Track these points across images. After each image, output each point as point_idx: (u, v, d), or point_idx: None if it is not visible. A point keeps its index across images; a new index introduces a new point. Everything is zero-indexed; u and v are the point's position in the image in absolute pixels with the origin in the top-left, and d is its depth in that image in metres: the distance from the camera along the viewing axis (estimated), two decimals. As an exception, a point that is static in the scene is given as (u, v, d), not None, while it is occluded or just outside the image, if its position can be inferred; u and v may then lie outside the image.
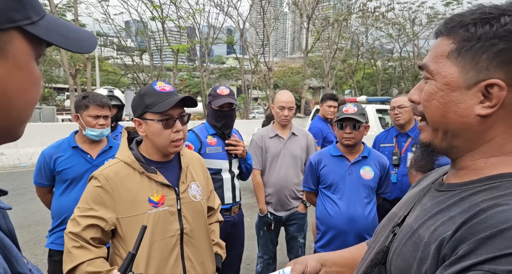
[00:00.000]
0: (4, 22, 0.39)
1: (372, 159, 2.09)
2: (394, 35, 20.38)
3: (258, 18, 20.42)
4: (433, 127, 0.60)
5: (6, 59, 0.40)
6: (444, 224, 0.53)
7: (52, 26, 0.45)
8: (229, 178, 2.14)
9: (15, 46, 0.41)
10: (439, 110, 0.57)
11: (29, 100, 0.44)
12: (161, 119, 1.22)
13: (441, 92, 0.57)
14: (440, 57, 0.58)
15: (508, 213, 0.46)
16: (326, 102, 3.54)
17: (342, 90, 24.98)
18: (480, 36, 0.53)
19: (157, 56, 17.72)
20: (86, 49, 0.48)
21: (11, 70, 0.41)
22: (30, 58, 0.43)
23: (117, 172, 1.23)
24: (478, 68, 0.53)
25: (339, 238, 2.01)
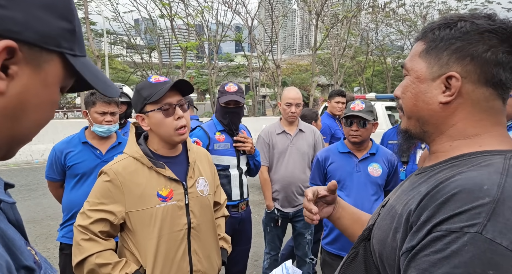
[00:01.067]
0: (52, 44, 0.43)
1: (380, 156, 2.07)
2: (404, 32, 20.08)
3: (267, 15, 20.35)
4: (408, 115, 0.70)
5: (38, 74, 0.43)
6: (413, 197, 0.61)
7: (88, 66, 0.50)
8: (237, 175, 2.15)
9: (51, 66, 0.44)
10: (411, 100, 0.68)
11: (40, 118, 0.46)
12: (161, 108, 1.24)
13: (413, 85, 0.68)
14: (414, 56, 0.69)
15: (459, 181, 0.54)
16: (334, 98, 3.52)
17: (351, 88, 24.76)
18: (442, 37, 0.64)
19: (166, 54, 17.84)
20: (110, 93, 0.53)
21: (37, 85, 0.44)
22: (58, 82, 0.47)
23: (126, 167, 1.25)
24: (441, 63, 0.64)
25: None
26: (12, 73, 0.40)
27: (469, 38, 0.61)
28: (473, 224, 0.48)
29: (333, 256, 2.06)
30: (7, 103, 0.41)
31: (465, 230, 0.49)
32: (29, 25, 0.40)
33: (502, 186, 0.51)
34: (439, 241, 0.50)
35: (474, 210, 0.49)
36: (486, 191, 0.51)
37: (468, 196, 0.51)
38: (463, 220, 0.49)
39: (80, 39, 0.48)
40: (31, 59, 0.42)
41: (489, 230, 0.47)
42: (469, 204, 0.50)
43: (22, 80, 0.41)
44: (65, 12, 0.45)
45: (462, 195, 0.52)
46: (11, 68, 0.40)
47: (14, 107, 0.42)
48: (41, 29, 0.41)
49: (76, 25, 0.46)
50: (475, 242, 0.47)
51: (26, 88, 0.42)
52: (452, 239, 0.49)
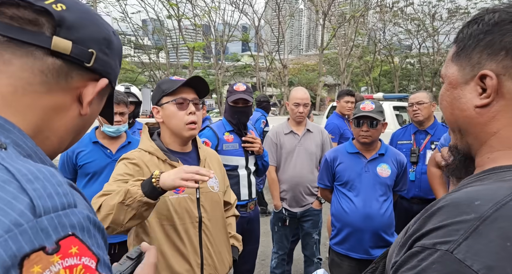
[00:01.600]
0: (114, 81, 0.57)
1: (389, 157, 2.06)
2: (413, 31, 19.86)
3: (273, 15, 20.33)
4: (450, 128, 0.62)
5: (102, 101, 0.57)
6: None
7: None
8: (246, 175, 2.16)
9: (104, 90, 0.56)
10: (447, 109, 0.61)
11: (89, 126, 0.57)
12: (175, 100, 1.30)
13: (447, 92, 0.61)
14: (448, 61, 0.63)
15: (457, 194, 0.49)
16: (343, 98, 3.50)
17: (358, 87, 24.60)
18: (470, 35, 0.57)
19: (173, 54, 17.94)
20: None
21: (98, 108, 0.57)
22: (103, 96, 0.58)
23: (142, 156, 1.30)
24: (472, 63, 0.57)
25: (354, 236, 1.99)
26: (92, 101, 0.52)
27: (500, 29, 0.53)
28: (447, 241, 0.43)
29: (341, 256, 2.05)
30: (84, 120, 0.53)
31: (437, 247, 0.43)
32: (114, 70, 0.55)
33: (502, 204, 0.43)
34: (414, 257, 0.46)
35: (452, 226, 0.44)
36: (475, 207, 0.44)
37: (453, 210, 0.46)
38: (438, 236, 0.44)
39: None
40: (104, 91, 0.54)
41: (461, 250, 0.41)
42: (451, 219, 0.45)
43: (94, 107, 0.54)
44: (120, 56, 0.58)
45: (448, 209, 0.47)
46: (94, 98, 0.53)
47: (83, 125, 0.54)
48: (116, 71, 0.56)
49: None
50: (443, 261, 0.42)
51: (93, 112, 0.54)
52: (425, 256, 0.44)
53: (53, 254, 0.31)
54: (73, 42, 0.46)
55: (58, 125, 0.49)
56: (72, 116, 0.50)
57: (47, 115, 0.47)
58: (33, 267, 0.29)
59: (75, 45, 0.47)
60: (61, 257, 0.31)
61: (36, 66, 0.44)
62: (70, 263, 0.32)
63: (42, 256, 0.30)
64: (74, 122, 0.51)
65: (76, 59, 0.47)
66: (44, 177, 0.35)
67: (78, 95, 0.50)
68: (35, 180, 0.34)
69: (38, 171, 0.35)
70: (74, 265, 0.32)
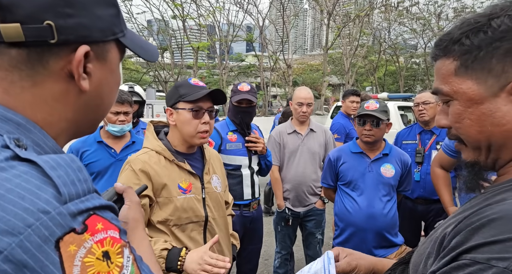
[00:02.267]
0: (110, 35, 0.47)
1: (393, 157, 2.05)
2: (418, 30, 19.72)
3: (278, 15, 20.31)
4: (473, 146, 0.57)
5: (105, 65, 0.48)
6: (456, 220, 0.52)
7: (133, 38, 0.53)
8: (249, 174, 2.16)
9: (112, 54, 0.49)
10: (473, 127, 0.55)
11: (112, 99, 0.52)
12: (192, 108, 1.30)
13: (469, 109, 0.55)
14: (448, 77, 0.57)
15: (505, 206, 0.46)
16: (349, 97, 3.49)
17: (362, 87, 24.48)
18: (479, 45, 0.52)
19: (177, 54, 18.00)
20: (154, 58, 0.57)
21: (107, 74, 0.49)
22: (118, 63, 0.51)
23: (150, 158, 1.30)
24: (494, 73, 0.52)
25: (357, 236, 1.99)
26: (90, 71, 0.45)
27: None
28: (505, 257, 0.41)
29: (344, 257, 2.05)
30: (90, 97, 0.47)
31: (492, 263, 0.41)
32: (93, 27, 0.44)
33: None
34: (460, 270, 0.43)
35: (510, 242, 0.42)
36: None
37: (508, 224, 0.43)
38: (493, 251, 0.42)
39: (122, 17, 0.51)
40: (99, 54, 0.46)
41: None
42: (507, 234, 0.42)
43: (96, 76, 0.47)
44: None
45: (501, 222, 0.44)
46: (88, 67, 0.45)
47: (94, 98, 0.48)
48: (101, 25, 0.45)
49: (118, 6, 0.49)
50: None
51: (100, 81, 0.48)
52: (475, 270, 0.42)
53: (83, 233, 0.34)
54: (21, 24, 0.38)
55: (66, 111, 0.45)
56: (74, 97, 0.45)
57: (50, 106, 0.44)
58: (69, 247, 0.32)
59: (25, 27, 0.38)
60: (91, 234, 0.34)
61: (5, 63, 0.40)
62: (99, 237, 0.35)
63: (74, 236, 0.33)
64: (81, 101, 0.46)
65: (36, 41, 0.40)
66: (66, 163, 0.37)
67: (68, 74, 0.44)
68: (58, 166, 0.36)
69: (60, 158, 0.37)
70: (103, 238, 0.35)
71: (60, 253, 0.32)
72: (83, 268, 0.33)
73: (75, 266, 0.32)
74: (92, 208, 0.36)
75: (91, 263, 0.33)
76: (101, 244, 0.35)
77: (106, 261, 0.35)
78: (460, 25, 0.55)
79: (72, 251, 0.32)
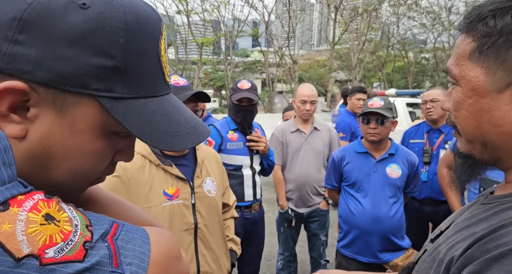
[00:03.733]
0: (75, 86, 0.36)
1: (400, 157, 1.97)
2: (428, 25, 19.35)
3: (284, 10, 20.12)
4: (467, 139, 0.52)
5: (62, 118, 0.37)
6: (463, 240, 0.46)
7: (144, 109, 0.39)
8: (250, 175, 2.10)
9: (80, 111, 0.37)
10: (470, 120, 0.50)
11: (73, 169, 0.39)
12: None
13: (468, 100, 0.49)
14: (462, 58, 0.50)
15: None
16: (355, 95, 3.40)
17: (370, 83, 24.20)
18: (501, 30, 0.45)
19: (182, 50, 17.98)
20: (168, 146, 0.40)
21: (63, 131, 0.37)
22: (94, 129, 0.38)
23: (133, 163, 1.23)
24: (506, 67, 0.45)
25: (362, 239, 1.92)
26: (31, 116, 0.36)
27: None
28: None
29: (348, 260, 1.99)
30: (30, 148, 0.37)
31: None
32: (42, 64, 0.34)
33: None
34: None
35: None
36: None
37: None
38: None
39: (132, 77, 0.38)
40: (52, 101, 0.36)
41: None
42: None
43: (43, 125, 0.36)
44: (106, 46, 0.36)
45: None
46: (31, 110, 0.36)
47: (39, 153, 0.37)
48: (59, 68, 0.35)
49: (122, 60, 0.37)
50: None
51: (48, 133, 0.37)
52: None
53: (8, 208, 0.30)
54: None
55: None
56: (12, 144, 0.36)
57: None
58: (2, 228, 0.29)
59: None
60: (18, 206, 0.31)
61: None
62: (29, 205, 0.31)
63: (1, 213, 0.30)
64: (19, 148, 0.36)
65: None
66: None
67: None
68: None
69: None
70: (34, 204, 0.32)
71: None
72: (31, 239, 0.30)
73: (20, 242, 0.29)
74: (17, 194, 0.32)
75: (37, 231, 0.30)
76: (36, 210, 0.31)
77: (52, 222, 0.32)
78: (493, 0, 0.48)
79: (9, 229, 0.29)
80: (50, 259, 0.30)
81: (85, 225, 0.34)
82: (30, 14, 0.34)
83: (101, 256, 0.33)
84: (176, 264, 0.41)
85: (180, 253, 0.44)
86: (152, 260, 0.37)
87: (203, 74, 20.53)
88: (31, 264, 0.29)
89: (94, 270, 0.32)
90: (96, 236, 0.34)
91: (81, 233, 0.33)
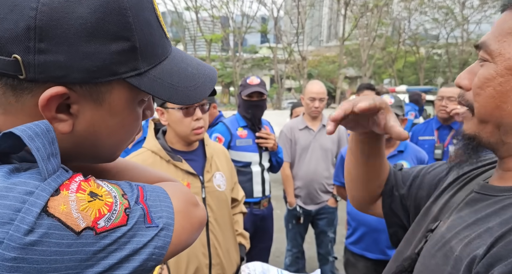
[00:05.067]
0: (105, 75, 0.39)
1: (409, 154, 1.96)
2: (440, 20, 18.98)
3: (293, 6, 19.95)
4: (481, 118, 0.51)
5: (101, 106, 0.41)
6: (479, 236, 0.46)
7: (165, 74, 0.43)
8: (259, 171, 2.12)
9: (114, 95, 0.41)
10: (494, 99, 0.49)
11: (119, 140, 0.46)
12: (181, 107, 1.26)
13: (500, 78, 0.48)
14: (506, 35, 0.48)
15: None
16: (363, 92, 3.39)
17: (380, 80, 23.91)
18: None
19: (191, 46, 18.04)
20: (193, 99, 0.46)
21: (104, 117, 0.42)
22: (128, 104, 0.43)
23: (144, 160, 1.27)
24: None
25: (370, 236, 1.92)
26: (74, 112, 0.40)
27: None
28: None
29: (356, 256, 2.00)
30: (79, 136, 0.42)
31: None
32: (72, 66, 0.37)
33: None
34: None
35: None
36: None
37: None
38: None
39: (147, 50, 0.41)
40: (89, 94, 0.40)
41: None
42: None
43: (86, 116, 0.41)
44: (119, 30, 0.38)
45: None
46: (72, 107, 0.40)
47: (87, 138, 0.42)
48: (88, 65, 0.37)
49: (136, 39, 0.39)
50: None
51: (91, 122, 0.41)
52: None
53: (59, 193, 0.35)
54: None
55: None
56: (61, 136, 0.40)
57: None
58: (60, 208, 0.34)
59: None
60: (66, 189, 0.35)
61: None
62: (75, 187, 0.36)
63: (55, 198, 0.34)
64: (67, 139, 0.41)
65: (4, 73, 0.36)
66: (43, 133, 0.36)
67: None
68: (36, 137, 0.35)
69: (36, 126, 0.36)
70: (78, 185, 0.36)
71: (57, 217, 0.33)
72: (84, 215, 0.35)
73: (77, 219, 0.34)
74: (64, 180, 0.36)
75: (87, 208, 0.35)
76: (82, 190, 0.36)
77: (96, 198, 0.36)
78: None
79: (66, 209, 0.34)
80: (102, 228, 0.36)
81: (121, 194, 0.39)
82: (42, 20, 0.34)
83: (138, 217, 0.39)
84: (194, 209, 0.48)
85: (196, 200, 0.50)
86: (176, 209, 0.44)
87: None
88: (88, 234, 0.35)
89: (134, 229, 0.38)
90: (132, 201, 0.39)
91: (120, 202, 0.38)
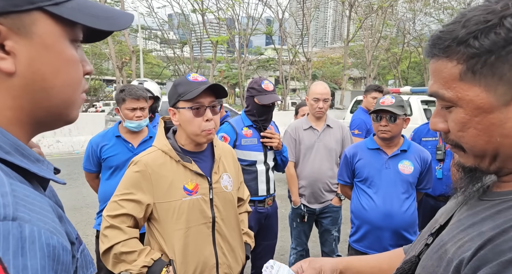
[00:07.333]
0: (23, 4, 0.40)
1: (412, 153, 1.99)
2: (445, 21, 18.88)
3: (298, 8, 19.99)
4: (476, 154, 0.53)
5: (32, 39, 0.41)
6: (471, 240, 0.48)
7: (81, 6, 0.45)
8: (264, 170, 2.15)
9: (39, 27, 0.42)
10: (481, 137, 0.51)
11: (66, 80, 0.45)
12: (192, 107, 1.27)
13: (475, 118, 0.50)
14: (451, 82, 0.51)
15: None
16: (371, 93, 3.43)
17: (385, 81, 23.82)
18: (490, 49, 0.47)
19: (197, 48, 18.15)
20: (118, 26, 0.48)
21: (39, 51, 0.42)
22: (59, 38, 0.44)
23: (155, 159, 1.29)
24: (506, 80, 0.47)
25: (373, 234, 1.95)
26: (10, 50, 0.40)
27: None
28: None
29: (360, 254, 2.02)
30: (24, 80, 0.41)
31: None
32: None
33: None
34: None
35: None
36: None
37: None
38: None
39: None
40: (17, 28, 0.40)
41: None
42: None
43: (23, 52, 0.41)
44: None
45: None
46: (6, 44, 0.40)
47: (33, 81, 0.42)
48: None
49: None
50: None
51: (30, 59, 0.41)
52: None
53: None
54: None
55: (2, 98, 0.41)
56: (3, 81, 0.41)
57: None
58: None
59: None
60: None
61: None
62: None
63: None
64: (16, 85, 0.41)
65: None
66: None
67: None
68: None
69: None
70: None
71: None
72: None
73: None
74: None
75: None
76: None
77: None
78: (464, 23, 0.49)
79: None
80: None
81: None
82: None
83: None
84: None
85: None
86: None
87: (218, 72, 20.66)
88: None
89: None
90: None
91: None
